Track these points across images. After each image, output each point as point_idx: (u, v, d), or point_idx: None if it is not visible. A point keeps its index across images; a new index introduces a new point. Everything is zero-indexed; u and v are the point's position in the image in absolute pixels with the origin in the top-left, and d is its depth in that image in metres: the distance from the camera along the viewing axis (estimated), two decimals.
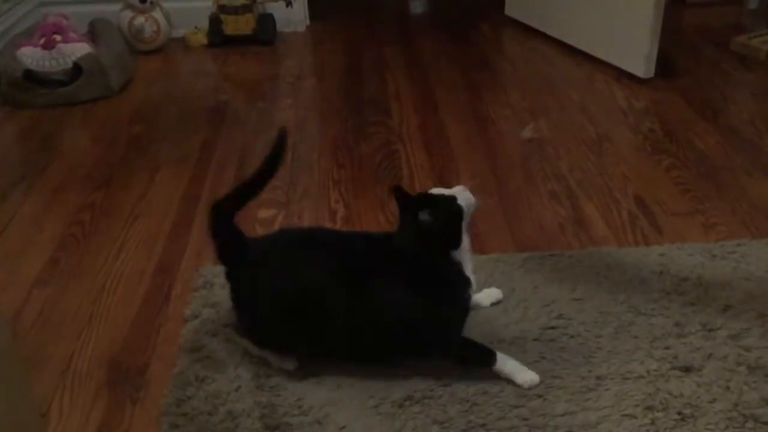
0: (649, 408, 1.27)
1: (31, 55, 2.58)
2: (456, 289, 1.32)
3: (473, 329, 1.41)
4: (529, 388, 1.31)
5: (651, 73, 2.55)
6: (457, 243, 1.31)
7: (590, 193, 1.94)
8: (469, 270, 1.34)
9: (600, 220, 1.82)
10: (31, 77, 2.55)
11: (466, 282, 1.33)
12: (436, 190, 1.34)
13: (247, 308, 1.37)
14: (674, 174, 2.01)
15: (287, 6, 3.09)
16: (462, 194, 1.33)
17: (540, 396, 1.30)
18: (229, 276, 1.38)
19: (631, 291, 1.53)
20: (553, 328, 1.44)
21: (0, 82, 2.56)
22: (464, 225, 1.32)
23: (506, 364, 1.33)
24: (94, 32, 2.85)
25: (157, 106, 2.58)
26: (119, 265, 1.72)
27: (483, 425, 1.25)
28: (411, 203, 1.31)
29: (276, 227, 1.83)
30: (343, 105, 2.52)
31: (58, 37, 2.61)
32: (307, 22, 3.25)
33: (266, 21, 3.06)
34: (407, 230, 1.32)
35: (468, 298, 1.34)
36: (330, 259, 1.33)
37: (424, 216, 1.28)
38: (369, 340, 1.32)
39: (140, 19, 2.94)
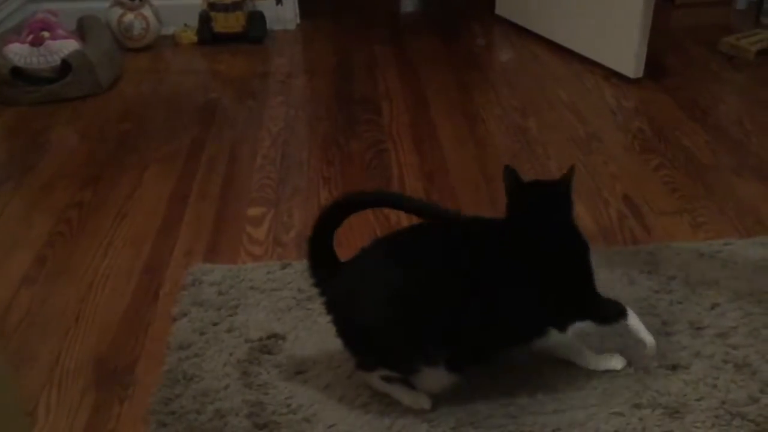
0: (637, 406, 1.27)
1: (18, 52, 2.56)
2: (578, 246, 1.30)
3: None
4: (650, 351, 1.31)
5: (640, 73, 2.56)
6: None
7: (579, 192, 1.93)
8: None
9: (589, 219, 1.82)
10: (18, 74, 2.53)
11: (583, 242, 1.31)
12: None
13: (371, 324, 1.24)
14: (663, 173, 2.02)
15: (277, 4, 3.08)
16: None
17: (528, 394, 1.31)
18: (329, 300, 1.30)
19: (619, 290, 1.54)
20: None
21: None
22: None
23: (635, 319, 1.31)
24: (82, 29, 2.84)
25: (146, 103, 2.57)
26: (107, 263, 1.71)
27: (471, 423, 1.25)
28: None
29: (266, 225, 1.83)
30: (333, 103, 2.52)
31: (46, 34, 2.59)
32: (298, 20, 3.24)
33: (256, 19, 3.05)
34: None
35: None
36: (436, 248, 1.26)
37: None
38: (504, 322, 1.25)
39: (129, 16, 2.93)
